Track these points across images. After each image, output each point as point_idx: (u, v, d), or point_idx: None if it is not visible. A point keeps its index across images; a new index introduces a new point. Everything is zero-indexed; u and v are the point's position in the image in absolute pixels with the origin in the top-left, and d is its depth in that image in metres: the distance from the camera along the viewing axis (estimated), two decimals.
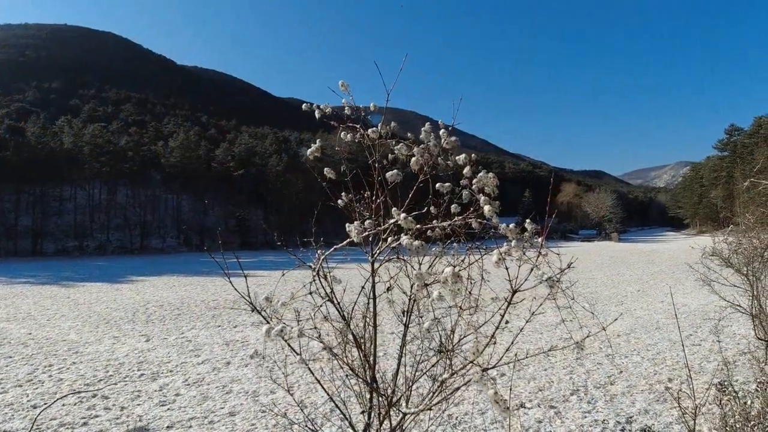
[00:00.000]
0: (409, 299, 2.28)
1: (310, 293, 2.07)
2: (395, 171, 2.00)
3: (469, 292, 1.88)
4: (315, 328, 2.07)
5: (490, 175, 1.83)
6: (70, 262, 37.30)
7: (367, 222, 1.98)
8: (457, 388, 2.08)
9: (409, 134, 2.11)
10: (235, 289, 2.17)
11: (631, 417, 5.60)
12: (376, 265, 2.17)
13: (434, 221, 1.97)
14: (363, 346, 2.24)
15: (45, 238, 46.27)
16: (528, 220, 1.69)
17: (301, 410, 4.28)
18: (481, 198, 1.72)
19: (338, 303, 2.21)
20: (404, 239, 1.61)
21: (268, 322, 1.80)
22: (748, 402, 3.47)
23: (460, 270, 1.65)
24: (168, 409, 6.08)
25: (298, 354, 2.09)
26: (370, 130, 2.14)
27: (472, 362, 1.59)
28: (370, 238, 2.05)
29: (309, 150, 2.18)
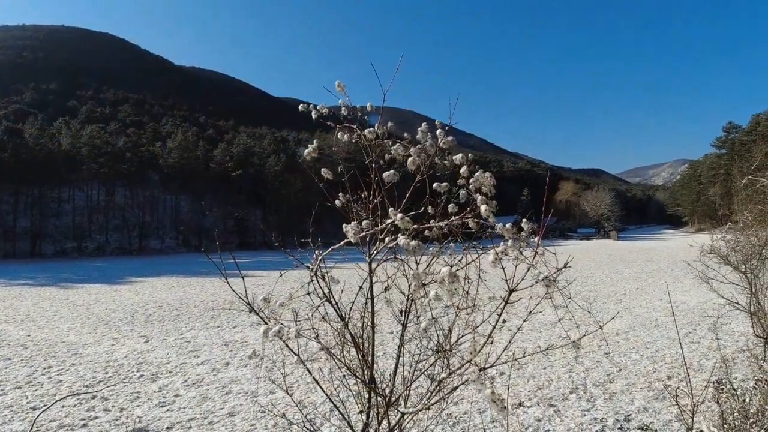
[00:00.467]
0: (407, 299, 2.29)
1: (308, 293, 2.07)
2: (392, 171, 2.00)
3: (466, 292, 1.88)
4: (313, 328, 2.07)
5: (487, 174, 1.84)
6: (69, 263, 37.23)
7: (364, 222, 1.98)
8: (455, 388, 2.08)
9: (406, 134, 2.11)
10: (233, 290, 2.17)
11: (630, 415, 5.61)
12: (374, 265, 2.17)
13: (431, 221, 1.97)
14: (361, 346, 2.25)
15: (43, 240, 46.21)
16: (525, 219, 1.69)
17: (300, 410, 4.28)
18: (478, 197, 1.72)
19: (336, 303, 2.21)
20: (401, 239, 1.61)
21: (266, 323, 1.80)
22: (747, 399, 3.48)
23: (457, 270, 1.65)
24: (168, 410, 6.08)
25: (296, 354, 2.09)
26: (366, 131, 2.14)
27: (469, 361, 1.59)
28: (368, 239, 2.05)
29: (306, 150, 2.18)
